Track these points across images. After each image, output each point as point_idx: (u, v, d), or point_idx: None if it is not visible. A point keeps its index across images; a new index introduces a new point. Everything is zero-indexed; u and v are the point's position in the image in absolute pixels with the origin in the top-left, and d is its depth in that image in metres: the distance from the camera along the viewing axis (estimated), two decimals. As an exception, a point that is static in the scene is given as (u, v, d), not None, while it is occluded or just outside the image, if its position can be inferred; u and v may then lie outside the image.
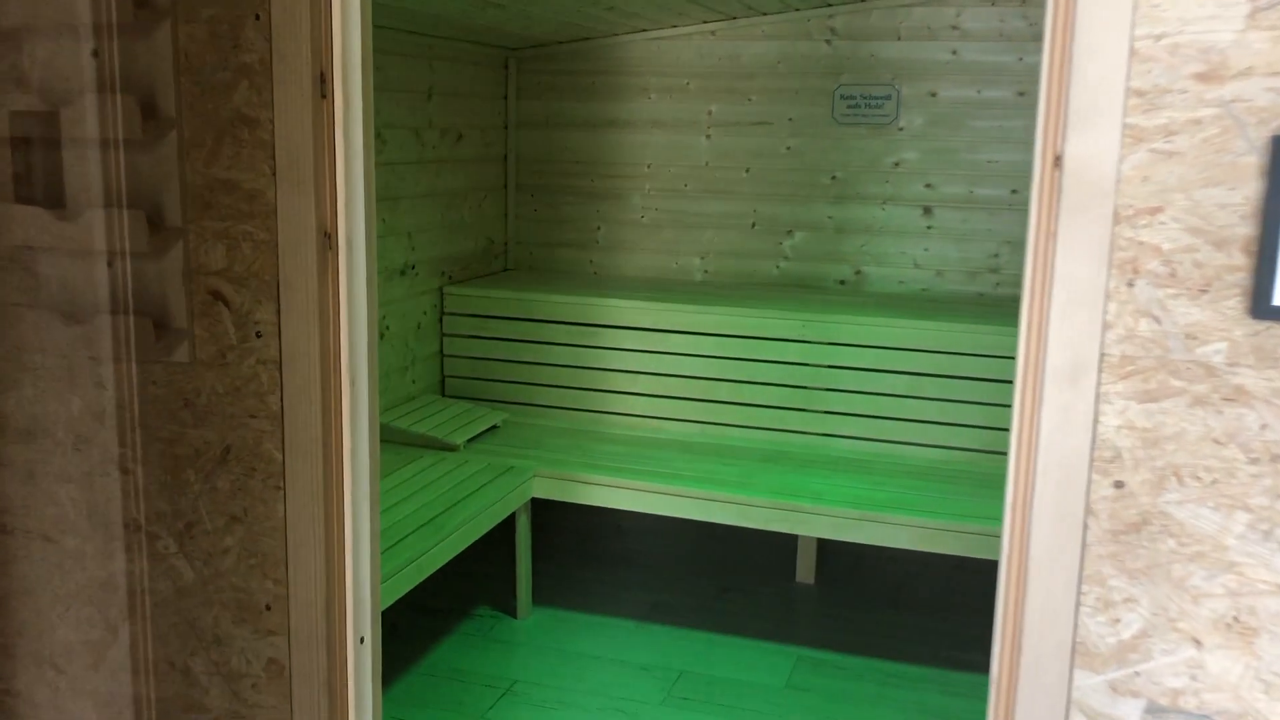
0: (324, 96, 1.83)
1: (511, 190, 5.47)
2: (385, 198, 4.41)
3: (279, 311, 1.86)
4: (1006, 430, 4.34)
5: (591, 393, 4.79)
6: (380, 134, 4.35)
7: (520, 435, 4.59)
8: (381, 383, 4.48)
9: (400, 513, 3.68)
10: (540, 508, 4.66)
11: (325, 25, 1.82)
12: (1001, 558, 1.88)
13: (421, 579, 3.40)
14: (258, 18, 1.88)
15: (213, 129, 1.98)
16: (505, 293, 4.88)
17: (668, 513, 4.04)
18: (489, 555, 4.77)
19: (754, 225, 5.17)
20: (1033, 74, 4.72)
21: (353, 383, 1.78)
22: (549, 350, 4.83)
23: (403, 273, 4.59)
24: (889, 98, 4.91)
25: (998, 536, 3.66)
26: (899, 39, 4.87)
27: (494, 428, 4.63)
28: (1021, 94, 4.75)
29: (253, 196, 1.92)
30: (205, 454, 2.03)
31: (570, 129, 5.36)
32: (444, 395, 4.97)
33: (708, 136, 5.17)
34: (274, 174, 1.88)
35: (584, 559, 4.81)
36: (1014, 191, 4.82)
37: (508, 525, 4.42)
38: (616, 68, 5.25)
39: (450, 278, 4.99)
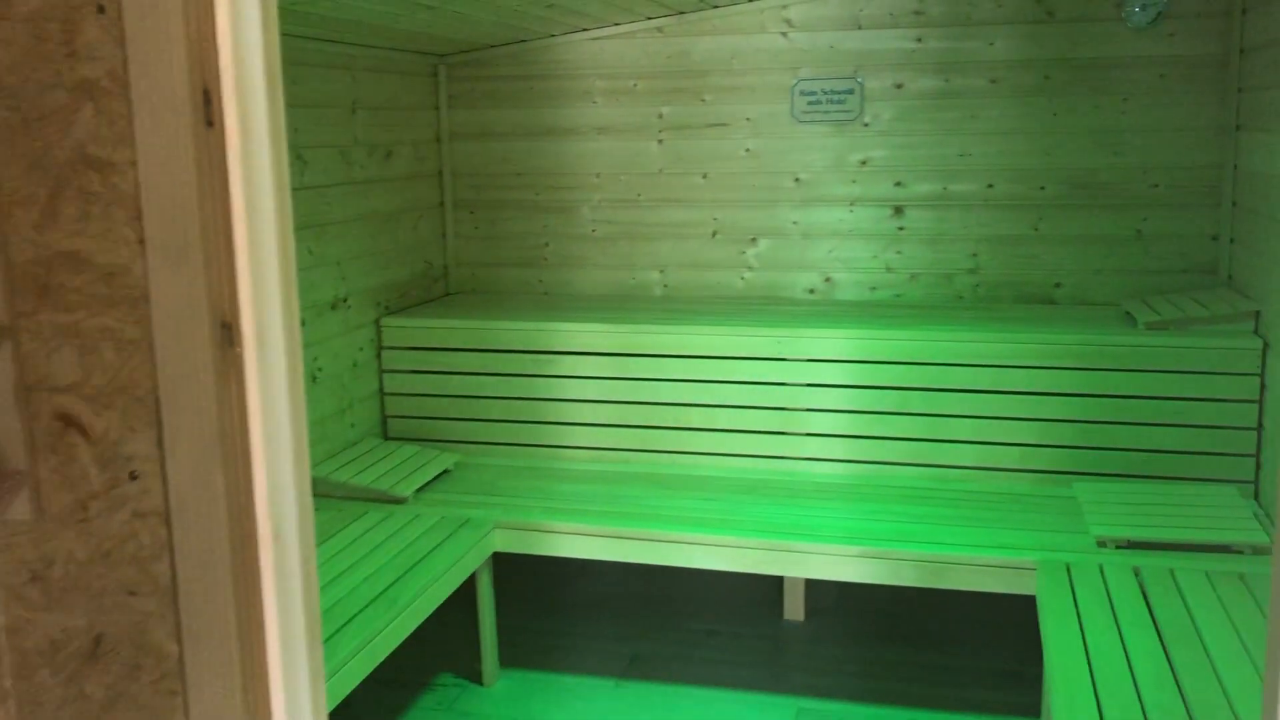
0: (210, 124, 1.27)
1: (449, 208, 5.04)
2: (310, 225, 3.96)
3: (161, 441, 1.33)
4: (1001, 445, 4.03)
5: (550, 426, 4.38)
6: (301, 155, 3.90)
7: (475, 479, 4.16)
8: (316, 430, 4.03)
9: (345, 585, 3.24)
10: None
11: (207, 20, 1.26)
12: None
13: (375, 665, 2.97)
14: (102, 10, 1.29)
15: (46, 178, 1.35)
16: (448, 321, 4.45)
17: (645, 560, 3.65)
18: (447, 614, 4.32)
19: (714, 234, 4.80)
20: (1006, 60, 4.41)
21: (276, 535, 1.28)
22: (500, 382, 4.41)
23: (334, 306, 4.14)
24: (852, 92, 4.57)
25: (1014, 568, 3.33)
26: (859, 28, 4.53)
27: (445, 473, 4.20)
28: (994, 82, 4.44)
29: (112, 275, 1.34)
30: (65, 648, 1.43)
31: (509, 139, 4.95)
32: (387, 438, 4.53)
33: (660, 141, 4.79)
34: (142, 241, 1.31)
35: (551, 608, 4.40)
36: (990, 186, 4.50)
37: (468, 582, 3.99)
38: (556, 71, 4.85)
39: (387, 308, 4.55)
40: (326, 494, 3.98)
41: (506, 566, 4.35)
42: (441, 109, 4.97)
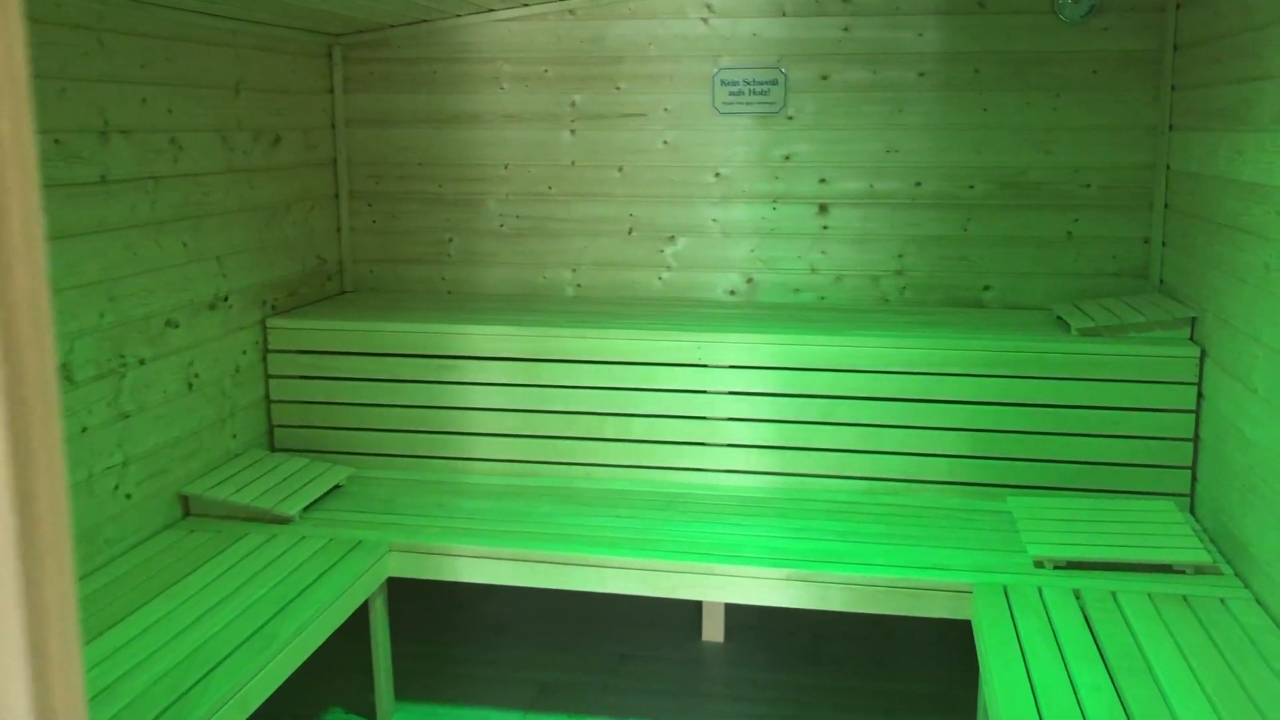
0: None
1: (344, 199, 4.68)
2: (186, 217, 3.59)
3: None
4: (931, 457, 3.83)
5: (452, 437, 4.06)
6: (175, 140, 3.52)
7: (369, 496, 3.82)
8: (193, 442, 3.66)
9: (216, 621, 2.89)
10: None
11: None
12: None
13: (247, 716, 2.63)
14: None
15: None
16: (342, 322, 4.10)
17: (553, 585, 3.36)
18: (338, 641, 3.98)
19: (631, 231, 4.52)
20: (936, 52, 4.21)
21: None
22: (398, 389, 4.07)
23: (213, 306, 3.77)
24: (775, 83, 4.33)
25: (949, 591, 3.12)
26: (784, 15, 4.29)
27: (336, 488, 3.85)
28: (923, 75, 4.24)
29: None
30: None
31: (410, 126, 4.61)
32: (274, 450, 4.16)
33: (572, 131, 4.49)
34: None
35: (452, 632, 4.08)
36: (918, 184, 4.31)
37: (360, 609, 3.66)
38: (461, 54, 4.52)
39: (274, 308, 4.18)
40: (202, 514, 3.61)
41: (403, 585, 4.02)
42: (336, 92, 4.60)
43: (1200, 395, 3.56)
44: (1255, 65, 3.09)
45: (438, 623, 4.14)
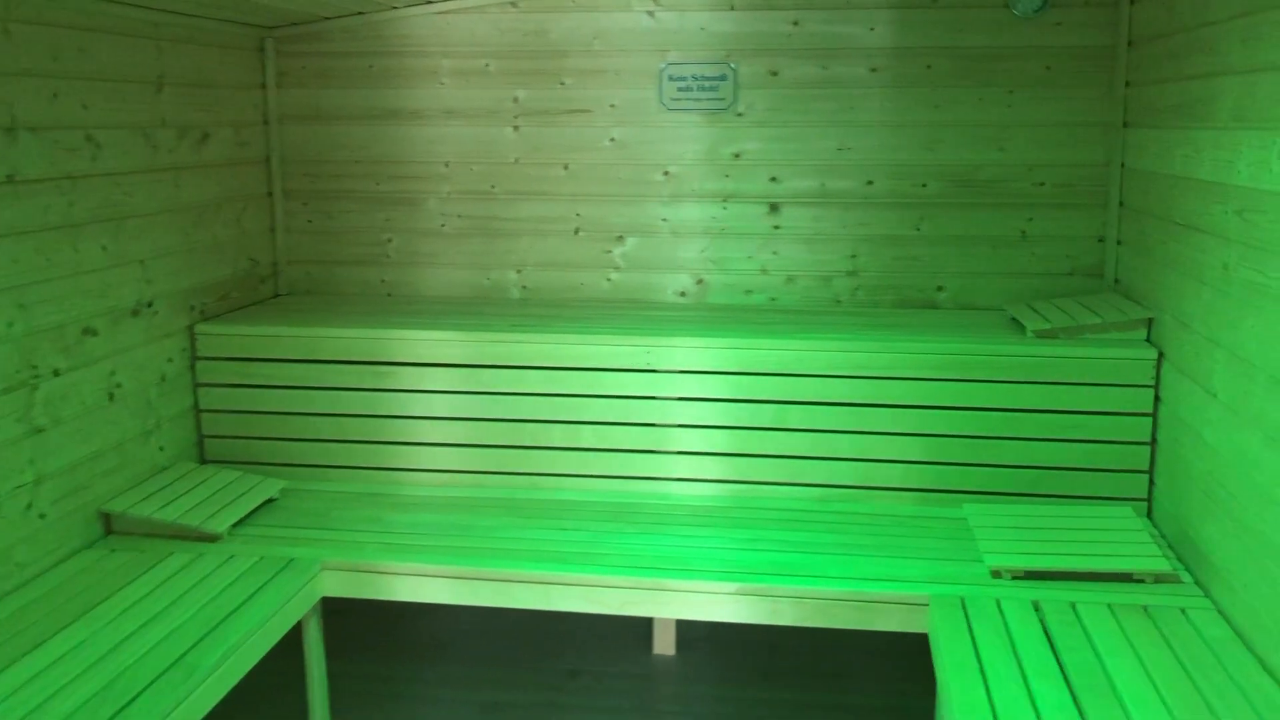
0: None
1: (278, 199, 4.49)
2: (106, 219, 3.39)
3: None
4: (885, 462, 3.73)
5: (391, 447, 3.90)
6: (92, 137, 3.33)
7: (303, 510, 3.66)
8: (115, 456, 3.47)
9: (135, 649, 2.72)
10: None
11: None
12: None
13: (164, 754, 2.46)
14: None
15: None
16: (276, 328, 3.92)
17: (497, 604, 3.22)
18: (270, 662, 3.81)
19: (578, 231, 4.38)
20: (887, 47, 4.11)
21: None
22: (335, 397, 3.90)
23: (135, 312, 3.58)
24: (724, 78, 4.21)
25: (905, 604, 3.03)
26: (732, 9, 4.17)
27: (269, 502, 3.68)
28: (874, 70, 4.14)
29: None
30: None
31: (347, 122, 4.43)
32: (203, 462, 3.97)
33: (515, 127, 4.35)
34: None
35: (393, 650, 3.93)
36: (870, 183, 4.21)
37: (293, 629, 3.49)
38: (399, 48, 4.35)
39: (203, 313, 3.99)
40: (126, 532, 3.42)
41: (340, 599, 3.86)
42: (269, 88, 4.41)
43: (1157, 398, 3.50)
44: (1212, 61, 3.02)
45: (377, 640, 3.98)
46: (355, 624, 4.04)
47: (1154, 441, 3.52)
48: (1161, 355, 3.46)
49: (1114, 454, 3.57)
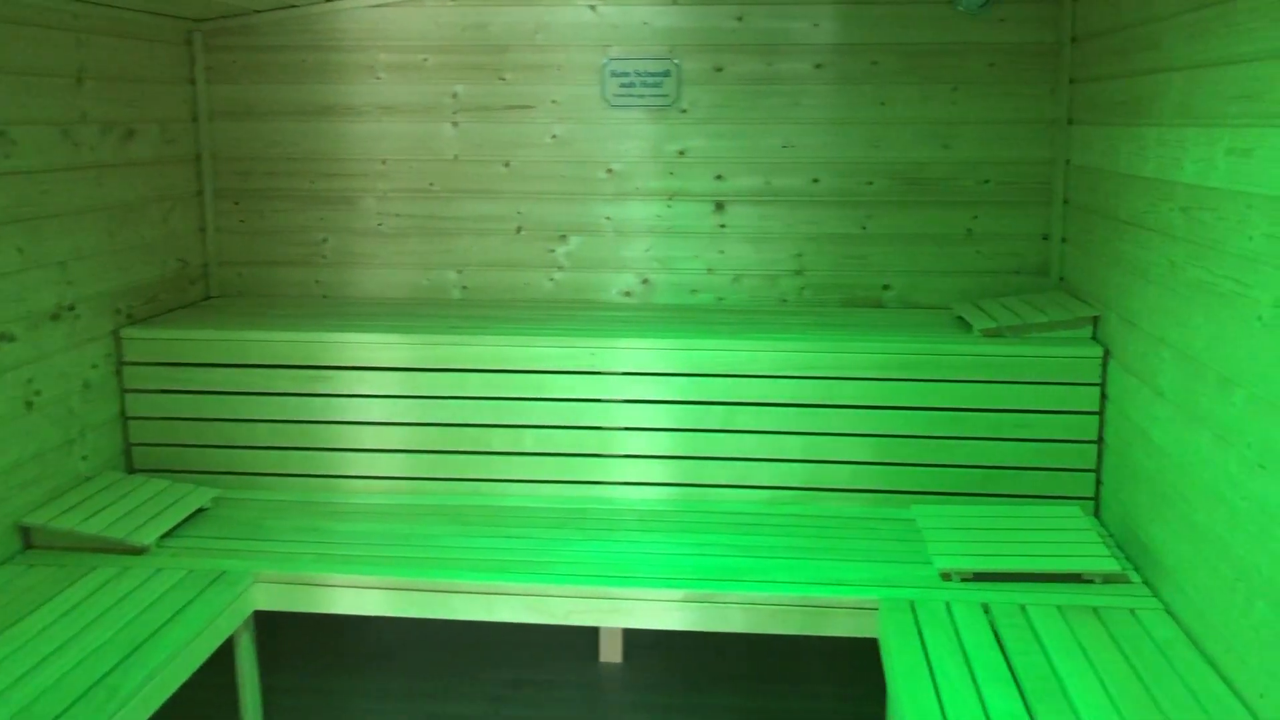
0: None
1: (209, 198, 4.34)
2: (20, 218, 3.24)
3: None
4: (833, 464, 3.69)
5: (328, 454, 3.78)
6: (5, 133, 3.17)
7: (235, 520, 3.53)
8: (34, 467, 3.31)
9: (52, 671, 2.58)
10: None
11: None
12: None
13: (83, 783, 2.34)
14: None
15: None
16: (207, 331, 3.79)
17: (438, 615, 3.12)
18: (202, 677, 3.68)
19: (519, 230, 4.29)
20: (832, 43, 4.07)
21: None
22: (269, 403, 3.78)
23: (55, 317, 3.42)
24: (668, 74, 4.14)
25: (854, 608, 2.98)
26: (675, 3, 4.10)
27: (199, 512, 3.54)
28: (819, 66, 4.09)
29: None
30: None
31: (280, 118, 4.30)
32: (131, 471, 3.82)
33: (455, 124, 4.24)
34: None
35: (330, 662, 3.81)
36: (815, 181, 4.16)
37: (225, 644, 3.36)
38: (333, 41, 4.23)
39: (129, 316, 3.84)
40: (46, 545, 3.27)
41: (277, 613, 3.73)
42: (198, 83, 4.27)
43: (1104, 396, 3.48)
44: (1156, 57, 3.00)
45: (315, 651, 3.86)
46: (292, 636, 3.91)
47: (1101, 440, 3.50)
48: (1108, 353, 3.45)
49: (1061, 453, 3.55)
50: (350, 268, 4.36)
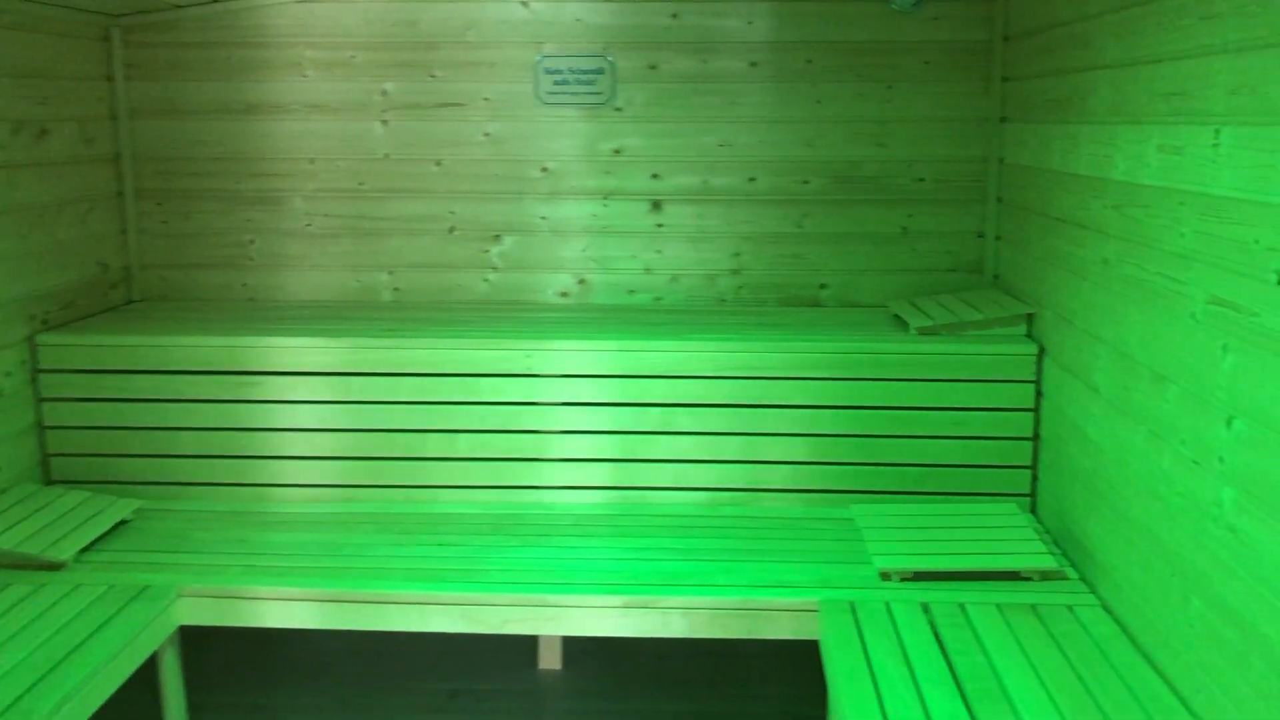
0: None
1: (130, 199, 4.21)
2: (-74, 221, 3.10)
3: None
4: (772, 464, 3.67)
5: (256, 462, 3.68)
6: (-92, 130, 3.03)
7: (158, 532, 3.41)
8: (-55, 480, 3.17)
9: (-38, 698, 2.47)
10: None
11: None
12: None
13: (-7, 814, 2.23)
14: None
15: None
16: (129, 337, 3.66)
17: (370, 627, 3.05)
18: (126, 694, 3.55)
19: (452, 230, 4.21)
20: (767, 41, 4.04)
21: None
22: (194, 410, 3.66)
23: (-35, 324, 3.29)
24: (602, 72, 4.09)
25: (795, 611, 2.96)
26: (609, 0, 4.05)
27: (121, 525, 3.42)
28: (754, 65, 4.07)
29: None
30: None
31: (204, 117, 4.17)
32: (49, 483, 3.68)
33: (384, 122, 4.15)
34: None
35: (263, 678, 3.70)
36: (752, 180, 4.14)
37: (148, 662, 3.24)
38: (258, 38, 4.11)
39: (45, 322, 3.70)
40: (-44, 563, 3.13)
41: (206, 627, 3.61)
42: (117, 80, 4.13)
43: (1039, 393, 3.50)
44: (1087, 55, 3.02)
45: (245, 666, 3.75)
46: (222, 651, 3.79)
47: (1037, 437, 3.52)
48: (1043, 350, 3.47)
49: (997, 450, 3.56)
50: (278, 270, 4.25)
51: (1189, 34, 2.35)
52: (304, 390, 3.65)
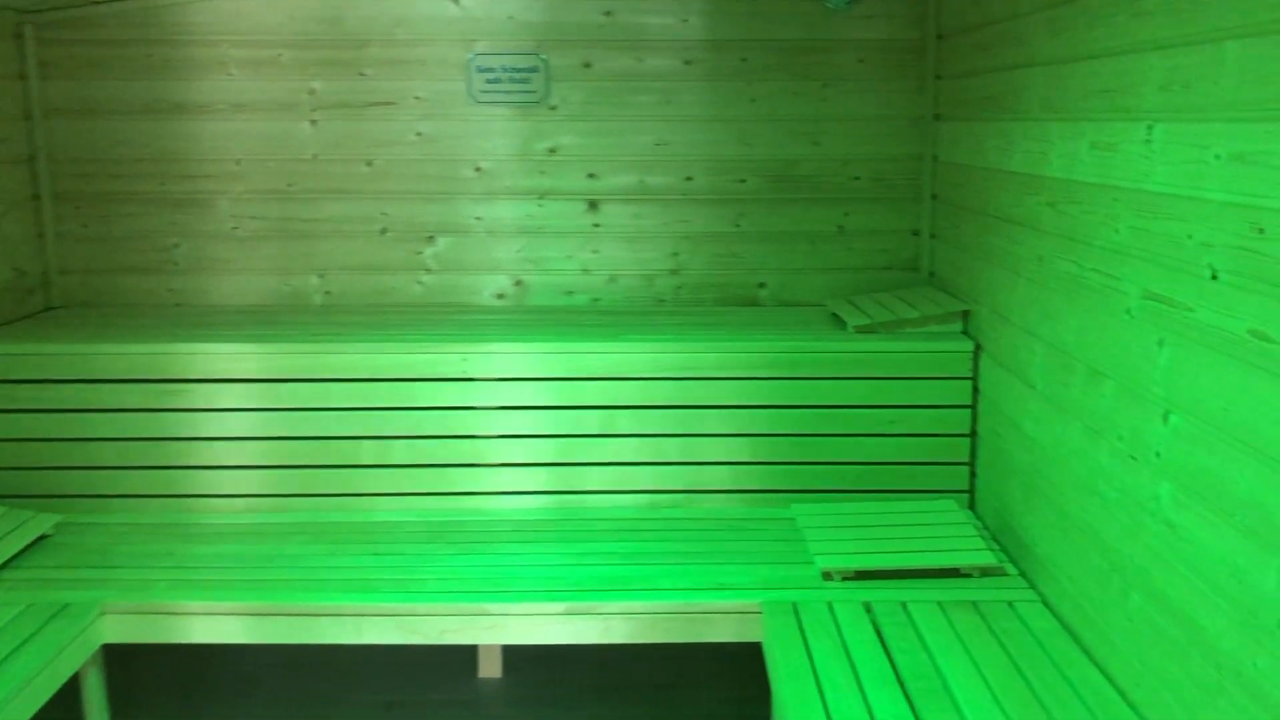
0: None
1: (47, 202, 4.06)
2: None
3: None
4: (713, 465, 3.64)
5: (184, 472, 3.57)
6: None
7: (82, 547, 3.29)
8: None
9: None
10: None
11: None
12: None
13: None
14: None
15: None
16: (47, 345, 3.54)
17: (304, 641, 2.96)
18: (44, 716, 3.42)
19: (384, 231, 4.13)
20: (701, 39, 4.02)
21: None
22: (118, 420, 3.54)
23: None
24: (536, 70, 4.03)
25: (738, 613, 2.94)
26: (542, -2, 4.00)
27: (41, 539, 3.30)
28: (689, 63, 4.04)
29: None
30: None
31: (125, 117, 4.04)
32: (-38, 498, 3.54)
33: (313, 121, 4.05)
34: None
35: (193, 695, 3.59)
36: (689, 179, 4.11)
37: (70, 682, 3.13)
38: (180, 35, 4.00)
39: (-43, 331, 3.56)
40: None
41: (126, 643, 3.49)
42: (30, 78, 3.98)
43: (976, 390, 3.52)
44: (1020, 52, 3.03)
45: (172, 684, 3.63)
46: (149, 668, 3.67)
47: (974, 434, 3.54)
48: (979, 347, 3.48)
49: (935, 447, 3.57)
50: (204, 274, 4.13)
51: (1121, 30, 2.37)
52: (233, 398, 3.54)
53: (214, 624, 2.95)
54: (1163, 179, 2.17)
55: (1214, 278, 1.97)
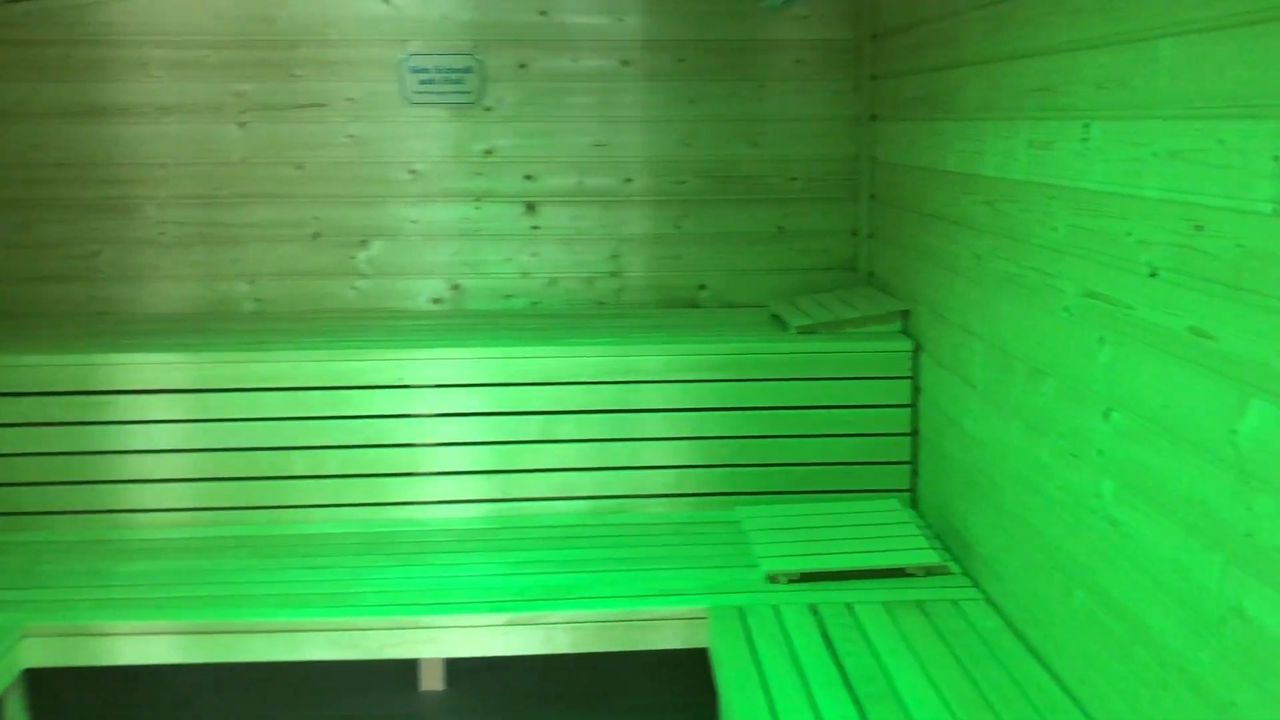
0: None
1: (-39, 208, 3.91)
2: None
3: None
4: (656, 469, 3.60)
5: (109, 487, 3.45)
6: None
7: (1, 567, 3.16)
8: None
9: None
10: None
11: None
12: None
13: None
14: None
15: None
16: (-40, 357, 3.39)
17: (236, 659, 2.88)
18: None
19: (316, 236, 4.03)
20: (638, 39, 3.98)
21: None
22: (38, 435, 3.42)
23: None
24: (470, 70, 3.97)
25: (683, 619, 2.91)
26: (476, -3, 3.94)
27: (-43, 561, 3.16)
28: (626, 63, 4.01)
29: None
30: None
31: (43, 120, 3.91)
32: (-127, 518, 3.39)
33: (241, 124, 3.95)
34: None
35: (124, 715, 3.46)
36: (628, 180, 4.08)
37: (-8, 706, 3.00)
38: (102, 36, 3.88)
39: None
40: None
41: (49, 667, 3.36)
42: (-58, 80, 3.83)
43: (917, 389, 3.52)
44: (955, 52, 3.04)
45: (100, 708, 3.50)
46: (76, 691, 3.54)
47: (915, 433, 3.54)
48: (919, 347, 3.49)
49: (878, 447, 3.57)
50: (129, 282, 4.00)
51: (1056, 28, 2.37)
52: (159, 409, 3.43)
53: (142, 644, 2.85)
54: (1101, 177, 2.17)
55: (1153, 275, 1.98)
